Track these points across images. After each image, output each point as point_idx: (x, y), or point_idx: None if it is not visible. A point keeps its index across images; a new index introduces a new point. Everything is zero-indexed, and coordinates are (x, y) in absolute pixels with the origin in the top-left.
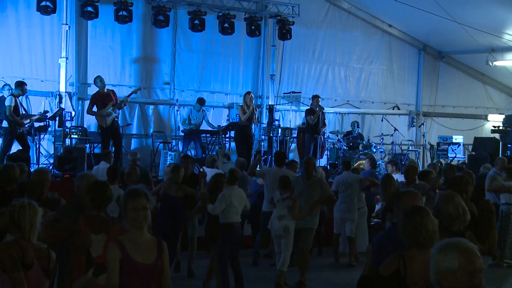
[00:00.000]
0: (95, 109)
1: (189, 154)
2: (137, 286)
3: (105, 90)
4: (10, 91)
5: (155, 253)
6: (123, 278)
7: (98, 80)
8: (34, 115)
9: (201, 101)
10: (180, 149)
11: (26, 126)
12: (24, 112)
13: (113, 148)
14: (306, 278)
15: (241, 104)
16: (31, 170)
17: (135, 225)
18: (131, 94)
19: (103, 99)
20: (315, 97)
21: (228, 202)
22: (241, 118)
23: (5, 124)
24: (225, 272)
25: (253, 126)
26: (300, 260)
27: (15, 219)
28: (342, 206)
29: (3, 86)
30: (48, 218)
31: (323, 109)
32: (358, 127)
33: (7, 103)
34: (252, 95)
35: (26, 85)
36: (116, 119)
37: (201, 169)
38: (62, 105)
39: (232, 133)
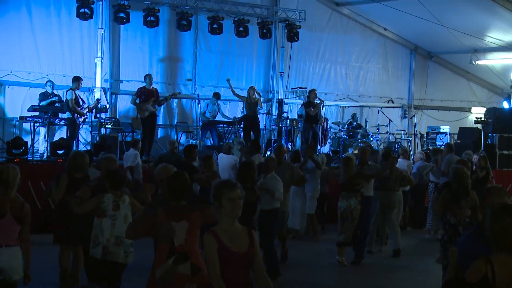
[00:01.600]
0: (138, 101)
1: (207, 142)
2: (232, 273)
3: (151, 87)
4: (51, 87)
5: (247, 241)
6: (220, 266)
7: (148, 77)
8: (91, 105)
9: (216, 95)
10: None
11: (86, 115)
12: (82, 103)
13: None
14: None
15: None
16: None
17: (230, 215)
18: (172, 96)
19: (147, 95)
20: (312, 91)
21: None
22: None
23: (68, 115)
24: (276, 255)
25: (259, 116)
26: (279, 238)
27: (3, 178)
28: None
29: (46, 82)
30: (136, 217)
31: (323, 102)
32: (357, 118)
33: (68, 96)
34: (255, 88)
35: (82, 79)
36: (155, 112)
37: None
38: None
39: None
